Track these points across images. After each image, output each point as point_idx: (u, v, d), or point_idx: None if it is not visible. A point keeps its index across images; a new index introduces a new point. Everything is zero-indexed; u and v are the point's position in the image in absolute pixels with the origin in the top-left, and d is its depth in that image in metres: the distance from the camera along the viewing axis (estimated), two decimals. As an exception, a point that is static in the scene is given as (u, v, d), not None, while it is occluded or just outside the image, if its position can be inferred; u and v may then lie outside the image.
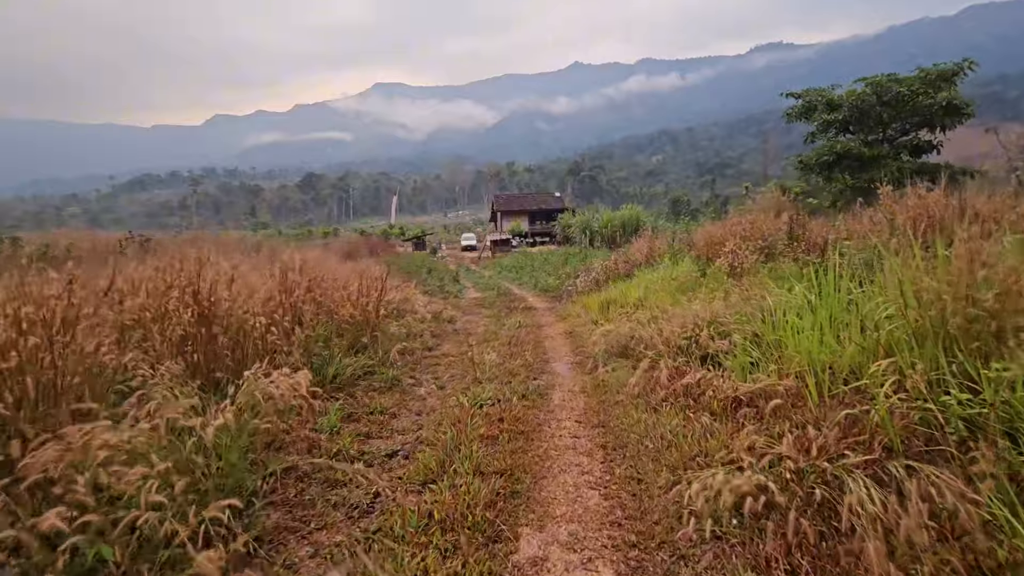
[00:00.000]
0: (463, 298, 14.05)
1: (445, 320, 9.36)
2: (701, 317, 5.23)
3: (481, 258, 40.12)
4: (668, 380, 4.09)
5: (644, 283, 10.18)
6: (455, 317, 10.05)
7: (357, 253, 32.73)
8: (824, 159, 15.21)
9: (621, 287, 10.26)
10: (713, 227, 11.38)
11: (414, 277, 18.10)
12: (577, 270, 16.97)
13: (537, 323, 9.04)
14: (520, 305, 11.88)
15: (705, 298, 6.86)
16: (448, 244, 64.77)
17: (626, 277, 12.65)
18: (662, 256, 12.62)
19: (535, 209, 50.68)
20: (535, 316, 10.05)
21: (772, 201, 16.53)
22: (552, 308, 11.23)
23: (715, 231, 10.69)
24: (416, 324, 7.59)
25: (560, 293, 13.05)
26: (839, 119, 15.21)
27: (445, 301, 13.15)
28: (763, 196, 17.74)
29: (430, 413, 4.45)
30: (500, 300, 12.97)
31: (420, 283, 16.03)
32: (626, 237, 32.90)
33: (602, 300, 8.98)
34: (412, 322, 7.71)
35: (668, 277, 10.49)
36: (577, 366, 5.84)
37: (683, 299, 8.67)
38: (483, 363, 5.68)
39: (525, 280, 18.49)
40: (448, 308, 10.84)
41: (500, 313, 10.47)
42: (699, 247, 11.25)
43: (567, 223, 38.73)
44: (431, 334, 7.64)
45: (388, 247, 46.54)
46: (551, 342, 7.38)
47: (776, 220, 10.14)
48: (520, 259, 26.43)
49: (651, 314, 6.47)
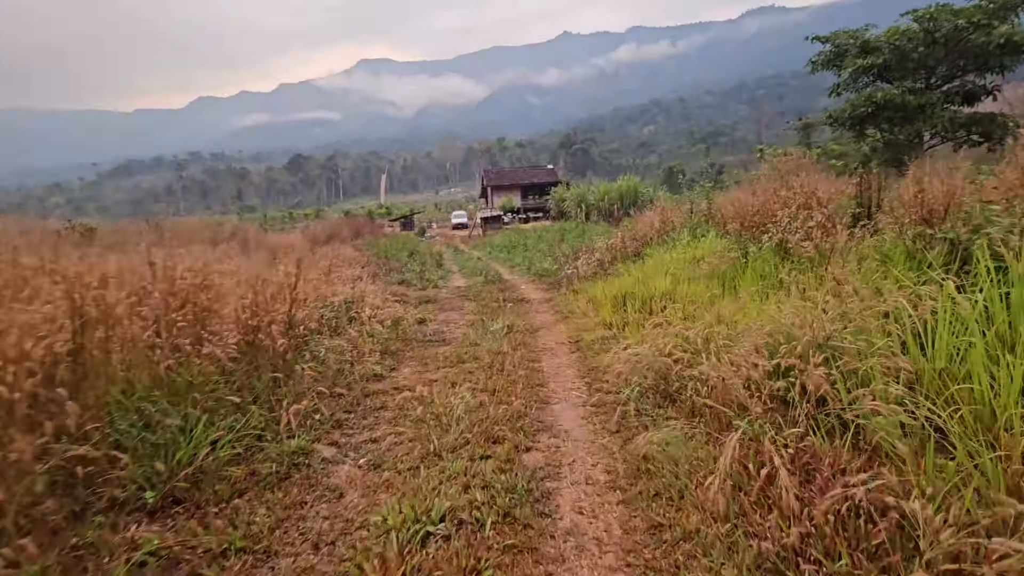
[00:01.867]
0: (444, 287, 11.98)
1: (414, 323, 7.30)
2: (792, 333, 3.22)
3: (472, 236, 37.93)
4: (797, 491, 2.05)
5: (663, 266, 8.12)
6: (428, 317, 7.99)
7: (338, 236, 30.57)
8: (861, 111, 13.03)
9: (635, 272, 8.20)
10: (744, 194, 9.27)
11: (391, 263, 16.00)
12: (576, 249, 14.91)
13: (531, 325, 6.99)
14: (511, 296, 9.83)
15: (774, 295, 4.83)
16: (439, 223, 62.29)
17: (635, 257, 10.61)
18: (678, 231, 10.54)
19: (527, 183, 48.18)
20: (529, 314, 7.99)
21: (791, 164, 14.49)
22: (549, 300, 9.16)
23: (748, 199, 8.60)
24: (364, 340, 5.53)
25: (558, 278, 10.99)
26: (876, 64, 12.98)
27: (423, 292, 11.08)
28: (779, 159, 15.58)
29: (339, 538, 2.45)
30: (487, 289, 10.90)
31: (395, 271, 13.92)
32: (624, 210, 30.90)
33: (615, 292, 6.93)
34: (359, 335, 5.64)
35: (691, 258, 8.43)
36: (594, 415, 3.75)
37: (724, 292, 6.64)
38: (450, 412, 3.65)
39: (518, 262, 16.41)
40: (418, 307, 8.77)
41: (486, 309, 8.41)
42: (727, 219, 9.17)
43: (561, 197, 36.47)
44: (384, 352, 5.56)
45: (374, 228, 44.19)
46: (550, 360, 5.31)
47: (832, 183, 8.07)
48: (512, 237, 24.28)
49: (697, 322, 4.44)
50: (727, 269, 6.94)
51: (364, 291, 7.10)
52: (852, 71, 13.34)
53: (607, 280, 8.64)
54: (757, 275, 6.49)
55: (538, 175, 49.93)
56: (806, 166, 14.51)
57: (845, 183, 8.37)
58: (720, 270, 7.03)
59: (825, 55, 14.52)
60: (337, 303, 6.75)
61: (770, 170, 15.88)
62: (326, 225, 34.31)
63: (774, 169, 15.25)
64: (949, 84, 13.30)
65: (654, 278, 7.43)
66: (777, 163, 15.25)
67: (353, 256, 17.62)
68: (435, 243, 35.97)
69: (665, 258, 8.67)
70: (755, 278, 6.46)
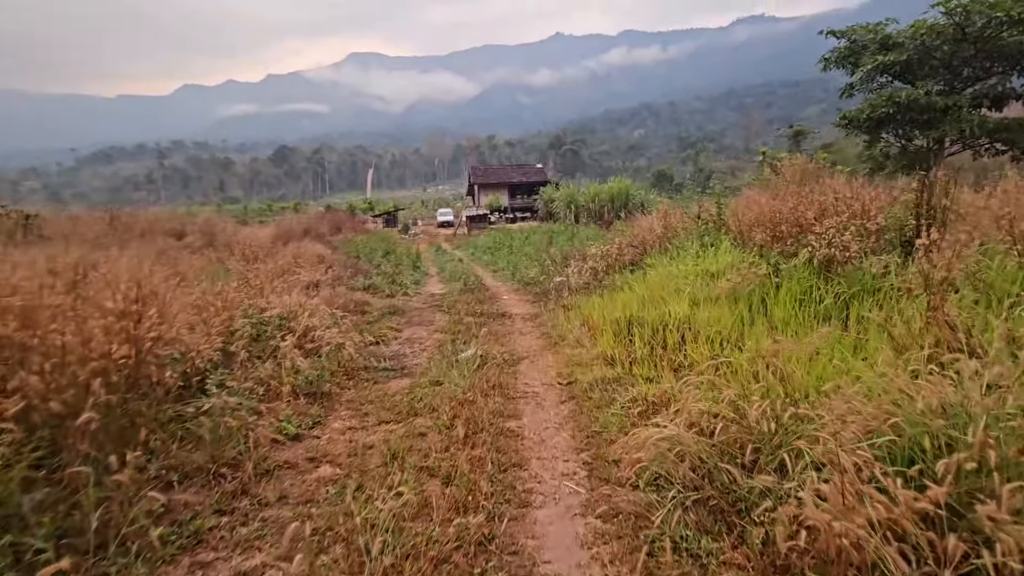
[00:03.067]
0: (417, 295, 10.60)
1: (367, 345, 5.92)
2: (939, 429, 1.94)
3: (456, 235, 36.50)
4: None
5: (671, 281, 6.84)
6: (390, 334, 6.62)
7: (315, 231, 28.91)
8: (881, 112, 11.90)
9: (638, 288, 6.91)
10: (766, 199, 8.02)
11: (362, 264, 14.55)
12: (566, 254, 13.61)
13: (512, 353, 5.64)
14: (491, 309, 8.48)
15: (827, 332, 3.56)
16: (424, 220, 60.61)
17: (633, 267, 9.34)
18: (684, 239, 9.29)
19: (516, 182, 46.80)
20: (510, 335, 6.65)
21: (797, 170, 13.37)
22: (535, 317, 7.83)
23: (773, 205, 7.35)
24: (283, 377, 4.12)
25: (546, 288, 9.68)
26: (899, 61, 11.85)
27: (390, 300, 9.68)
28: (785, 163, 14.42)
29: None
30: (465, 299, 9.54)
31: (365, 273, 12.48)
32: (615, 212, 29.81)
33: (617, 315, 5.63)
34: (277, 370, 4.24)
35: (703, 272, 7.16)
36: (602, 539, 2.37)
37: (753, 318, 5.38)
38: (377, 524, 2.30)
39: (501, 266, 15.07)
40: (379, 321, 7.39)
41: (460, 326, 7.07)
42: (746, 227, 7.92)
43: (550, 197, 35.19)
44: (312, 395, 4.15)
45: (356, 224, 42.46)
46: (535, 415, 3.93)
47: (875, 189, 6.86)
48: (498, 237, 22.93)
49: (738, 374, 3.14)
50: (754, 288, 5.67)
51: (304, 304, 5.69)
52: (871, 68, 12.19)
53: (604, 296, 7.33)
54: (793, 299, 5.23)
55: (527, 174, 48.59)
56: (814, 171, 13.41)
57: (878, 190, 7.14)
58: (744, 289, 5.76)
59: (839, 52, 13.40)
60: (270, 318, 5.33)
61: (772, 174, 14.78)
62: (303, 219, 32.57)
63: (778, 173, 14.15)
64: (975, 86, 12.23)
65: (663, 296, 6.13)
66: (783, 167, 14.14)
67: (322, 254, 16.09)
68: (418, 241, 34.52)
69: (672, 271, 7.39)
70: (791, 302, 5.20)
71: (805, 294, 5.33)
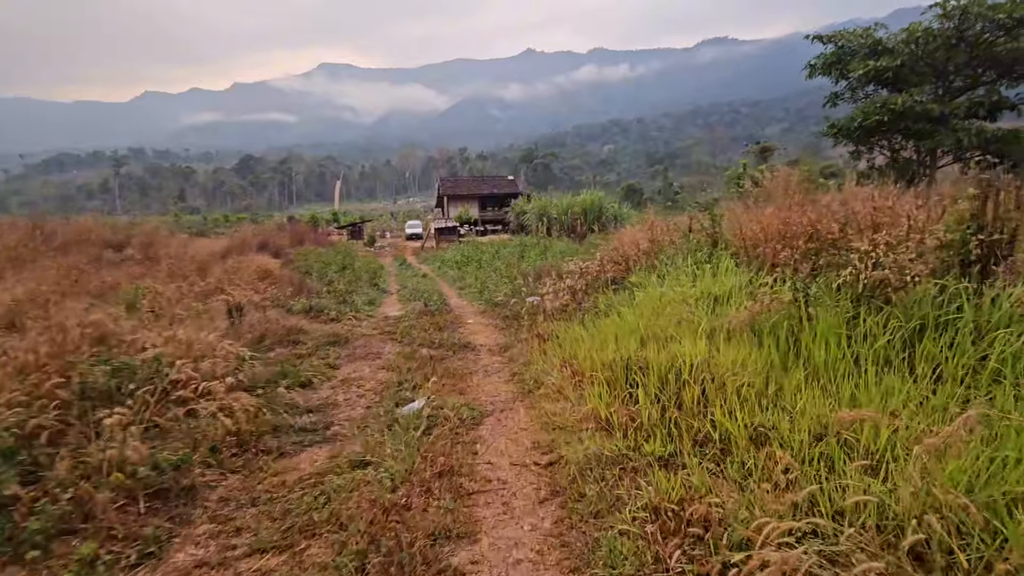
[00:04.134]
0: (370, 317, 9.19)
1: (290, 388, 4.53)
2: None
3: (424, 248, 35.04)
4: None
5: (670, 308, 5.66)
6: (320, 376, 5.23)
7: (272, 243, 27.08)
8: (874, 120, 11.16)
9: (629, 315, 5.70)
10: (771, 209, 6.96)
11: (313, 281, 13.04)
12: (539, 269, 12.41)
13: (473, 407, 4.31)
14: (452, 338, 7.16)
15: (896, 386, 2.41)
16: (393, 232, 58.91)
17: (615, 286, 8.18)
18: (673, 253, 8.19)
19: (486, 194, 45.69)
20: (473, 376, 5.33)
21: (781, 182, 12.57)
22: (505, 349, 6.54)
23: (782, 216, 6.28)
24: (108, 468, 2.69)
25: (517, 311, 8.41)
26: (891, 67, 11.16)
27: (334, 326, 8.24)
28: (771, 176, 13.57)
29: None
30: (423, 325, 8.18)
31: (313, 293, 10.99)
32: (588, 225, 28.97)
33: (610, 356, 4.39)
34: (106, 459, 2.80)
35: (705, 294, 6.01)
36: None
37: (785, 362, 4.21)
38: None
39: (469, 283, 13.77)
40: (313, 355, 5.98)
41: (412, 362, 5.72)
42: (748, 242, 6.83)
43: (521, 209, 34.14)
44: (159, 494, 2.72)
45: (318, 236, 40.57)
46: (499, 534, 2.39)
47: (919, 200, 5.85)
48: (467, 251, 21.65)
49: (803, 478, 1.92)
50: (778, 320, 4.52)
51: (199, 340, 4.26)
52: (861, 74, 11.47)
53: (588, 324, 6.09)
54: (833, 334, 4.09)
55: (498, 185, 47.58)
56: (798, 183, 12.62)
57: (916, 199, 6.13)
58: (766, 321, 4.59)
59: (825, 58, 12.72)
60: (142, 362, 3.88)
61: (752, 186, 13.98)
62: (261, 231, 30.58)
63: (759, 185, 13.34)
64: (967, 95, 11.65)
65: (664, 329, 4.92)
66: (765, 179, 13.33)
67: (269, 270, 14.46)
68: (383, 255, 32.96)
69: (667, 294, 6.21)
70: (830, 339, 4.05)
71: (845, 327, 4.20)
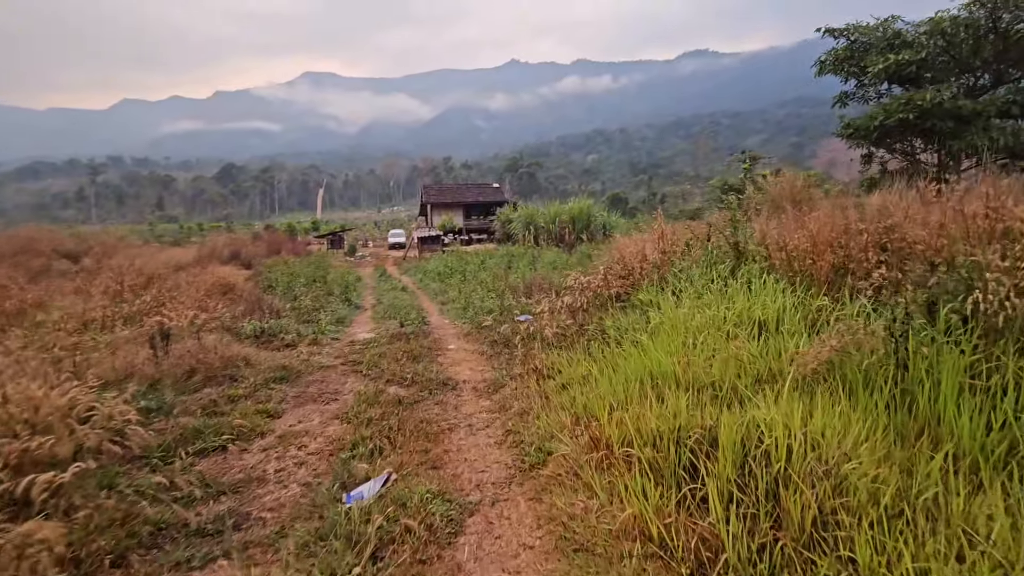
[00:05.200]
0: (335, 341, 7.83)
1: (178, 474, 3.20)
2: None
3: (407, 258, 33.62)
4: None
5: (704, 336, 4.44)
6: (253, 430, 3.90)
7: (246, 253, 25.53)
8: (897, 119, 10.16)
9: (654, 348, 4.47)
10: (820, 212, 5.78)
11: (277, 297, 11.64)
12: (529, 282, 11.18)
13: (451, 497, 2.95)
14: (429, 372, 5.85)
15: None
16: (375, 241, 57.38)
17: (622, 303, 6.98)
18: (687, 266, 7.00)
19: (471, 202, 44.51)
20: (451, 436, 4.05)
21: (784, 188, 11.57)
22: (495, 388, 5.26)
23: (838, 221, 5.11)
24: None
25: (507, 334, 7.14)
26: (915, 60, 10.20)
27: (289, 354, 6.88)
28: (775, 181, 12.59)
29: None
30: (396, 353, 6.87)
31: (272, 312, 9.58)
32: (577, 234, 27.90)
33: (653, 424, 3.15)
34: None
35: (744, 318, 4.82)
36: None
37: (915, 443, 2.98)
38: None
39: (452, 296, 12.49)
40: (249, 396, 4.64)
41: (374, 408, 4.42)
42: (791, 253, 5.64)
43: (507, 218, 32.97)
44: None
45: (296, 245, 38.96)
46: None
47: None
48: (451, 262, 20.34)
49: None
50: (871, 363, 3.30)
51: (47, 399, 2.93)
52: (881, 68, 10.49)
53: (599, 355, 4.84)
54: (963, 384, 2.87)
55: (483, 193, 46.43)
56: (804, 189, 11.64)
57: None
58: (855, 362, 3.37)
59: (837, 54, 11.74)
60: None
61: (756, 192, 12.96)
62: (235, 240, 28.98)
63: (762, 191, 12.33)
64: (994, 91, 10.73)
65: (703, 366, 3.69)
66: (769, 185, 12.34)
67: (231, 283, 12.99)
68: (363, 265, 31.47)
69: (692, 317, 4.98)
70: (963, 402, 2.83)
71: (970, 372, 2.99)
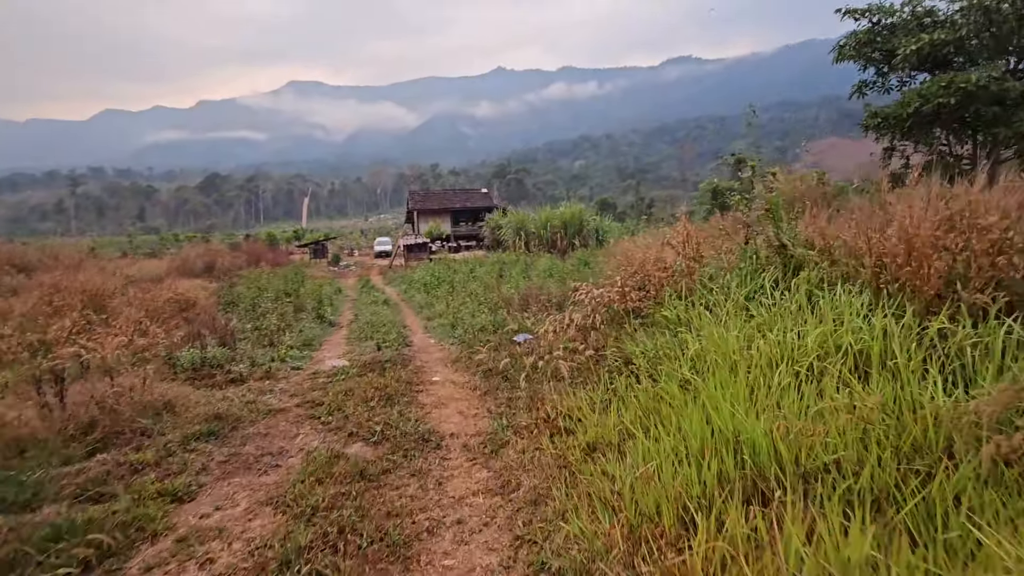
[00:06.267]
0: (296, 371, 6.49)
1: None
2: None
3: (392, 267, 32.21)
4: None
5: (778, 376, 3.21)
6: (140, 528, 2.60)
7: (221, 265, 24.02)
8: (936, 104, 9.07)
9: (718, 395, 3.22)
10: (914, 201, 4.58)
11: (238, 315, 10.26)
12: (524, 293, 9.91)
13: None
14: (404, 423, 4.54)
15: None
16: (362, 250, 55.89)
17: (638, 320, 5.76)
18: (717, 272, 5.80)
19: (459, 208, 43.24)
20: (434, 536, 2.80)
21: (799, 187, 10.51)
22: (494, 450, 3.96)
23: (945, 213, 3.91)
24: None
25: (504, 359, 5.86)
26: (951, 40, 9.14)
27: (233, 393, 5.54)
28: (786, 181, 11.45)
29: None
30: (367, 390, 5.55)
31: (222, 334, 8.20)
32: (569, 240, 26.74)
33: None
34: None
35: (829, 345, 3.59)
36: None
37: None
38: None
39: (439, 310, 11.19)
40: (158, 466, 3.31)
41: (324, 495, 3.13)
42: (882, 258, 4.40)
43: (497, 224, 31.70)
44: None
45: (278, 255, 37.38)
46: None
47: None
48: (438, 270, 19.03)
49: None
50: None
51: None
52: (914, 50, 9.41)
53: (630, 399, 3.59)
54: None
55: (471, 199, 45.19)
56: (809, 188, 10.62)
57: None
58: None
59: (858, 37, 10.66)
60: None
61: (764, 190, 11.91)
62: (206, 251, 27.38)
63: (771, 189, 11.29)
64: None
65: (806, 431, 2.45)
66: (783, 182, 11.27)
67: (189, 300, 11.54)
68: (347, 275, 30.01)
69: (753, 345, 3.73)
70: None
71: None
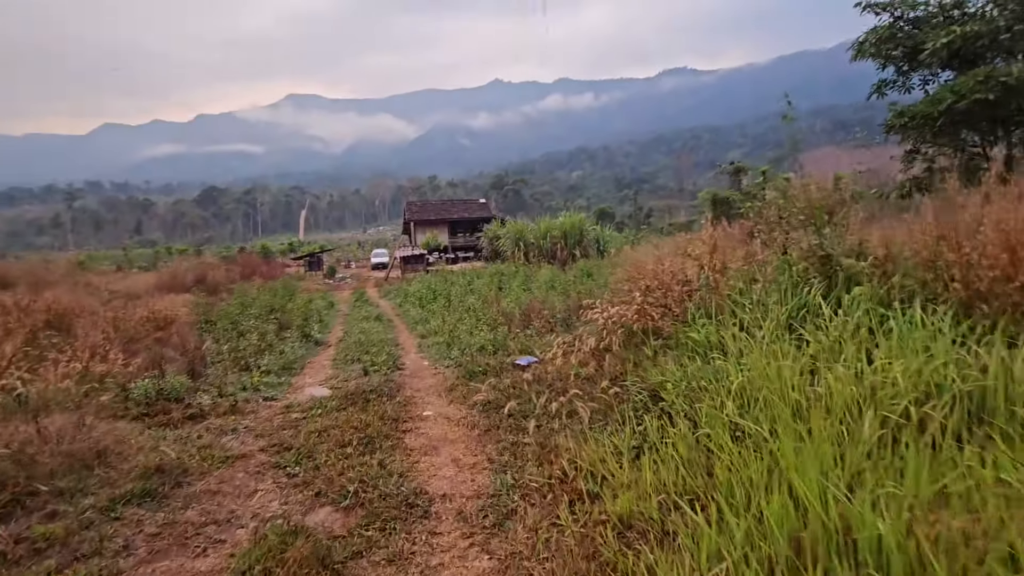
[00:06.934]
0: (269, 403, 5.68)
1: None
2: None
3: (388, 279, 31.43)
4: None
5: (859, 433, 2.42)
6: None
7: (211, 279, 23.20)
8: (973, 100, 8.36)
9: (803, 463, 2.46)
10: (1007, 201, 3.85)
11: (208, 339, 9.44)
12: (526, 308, 9.13)
13: None
14: (386, 478, 3.73)
15: None
16: (359, 262, 55.16)
17: (658, 341, 4.99)
18: (749, 285, 5.04)
19: (456, 218, 42.55)
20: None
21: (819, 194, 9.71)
22: (497, 522, 3.12)
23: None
24: None
25: (511, 403, 5.05)
26: (986, 32, 8.45)
27: (192, 432, 4.73)
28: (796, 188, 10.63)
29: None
30: (343, 432, 4.73)
31: (191, 359, 7.39)
32: (570, 250, 25.98)
33: None
34: None
35: (913, 383, 2.79)
36: None
37: None
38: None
39: (434, 327, 10.39)
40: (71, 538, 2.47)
41: (275, 573, 2.32)
42: (955, 270, 3.64)
43: (495, 234, 30.93)
44: None
45: (273, 268, 36.56)
46: None
47: None
48: (434, 283, 18.24)
49: None
50: None
51: None
52: (944, 43, 8.72)
53: (667, 454, 2.82)
54: None
55: (469, 209, 44.53)
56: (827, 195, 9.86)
57: None
58: None
59: (879, 32, 9.97)
60: None
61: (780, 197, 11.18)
62: (196, 265, 26.58)
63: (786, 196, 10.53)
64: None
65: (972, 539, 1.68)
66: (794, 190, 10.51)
67: (168, 319, 10.69)
68: (342, 288, 29.22)
69: (823, 381, 2.94)
70: None
71: None
